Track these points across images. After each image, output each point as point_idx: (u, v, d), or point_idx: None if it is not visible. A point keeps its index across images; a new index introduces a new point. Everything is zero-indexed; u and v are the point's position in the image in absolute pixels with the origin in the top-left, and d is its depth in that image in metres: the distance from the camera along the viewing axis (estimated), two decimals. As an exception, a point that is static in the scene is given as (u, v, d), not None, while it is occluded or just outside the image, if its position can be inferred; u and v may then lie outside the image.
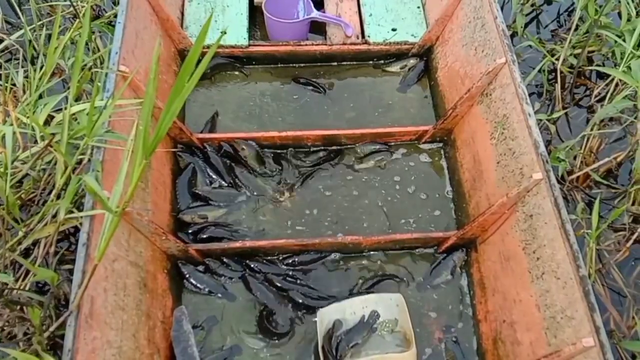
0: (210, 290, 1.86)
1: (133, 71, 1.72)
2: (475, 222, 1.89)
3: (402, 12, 2.54)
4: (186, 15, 2.45)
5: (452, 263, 1.98)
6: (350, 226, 2.05)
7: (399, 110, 2.36)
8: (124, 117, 1.59)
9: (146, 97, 1.06)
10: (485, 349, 1.81)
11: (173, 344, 1.67)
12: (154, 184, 1.86)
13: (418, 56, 2.48)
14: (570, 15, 2.87)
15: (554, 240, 1.59)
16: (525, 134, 1.77)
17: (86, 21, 1.42)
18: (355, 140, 2.24)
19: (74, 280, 1.37)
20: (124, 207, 1.17)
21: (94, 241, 1.43)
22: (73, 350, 1.27)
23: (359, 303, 1.84)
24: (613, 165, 2.32)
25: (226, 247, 1.89)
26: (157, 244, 1.76)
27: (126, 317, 1.50)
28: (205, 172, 2.08)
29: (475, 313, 1.89)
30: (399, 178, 2.18)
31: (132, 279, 1.57)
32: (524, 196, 1.73)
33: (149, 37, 2.07)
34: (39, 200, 1.65)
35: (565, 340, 1.48)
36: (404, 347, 1.78)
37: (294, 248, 1.93)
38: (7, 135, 1.32)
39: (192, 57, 0.96)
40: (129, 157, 1.27)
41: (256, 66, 2.46)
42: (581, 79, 2.61)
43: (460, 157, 2.16)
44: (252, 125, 2.27)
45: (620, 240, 2.15)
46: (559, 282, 1.54)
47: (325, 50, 2.44)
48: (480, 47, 2.10)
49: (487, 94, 2.03)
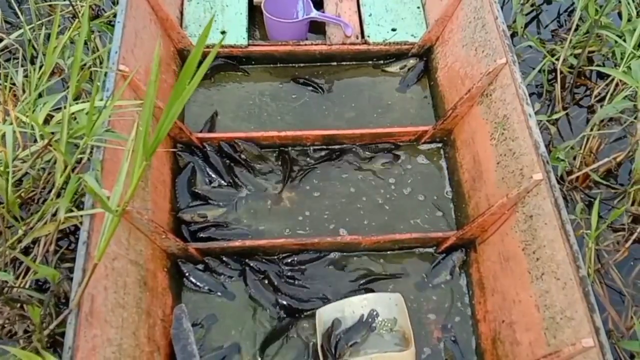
0: (210, 288, 1.88)
1: (133, 71, 1.74)
2: (474, 223, 1.91)
3: (401, 12, 2.56)
4: (185, 14, 2.47)
5: (451, 263, 2.00)
6: (350, 226, 2.07)
7: (398, 111, 2.38)
8: (123, 117, 1.61)
9: (146, 99, 1.07)
10: (484, 349, 1.83)
11: (173, 342, 1.69)
12: (153, 183, 1.88)
13: (418, 56, 2.50)
14: (571, 15, 2.90)
15: (554, 241, 1.61)
16: (526, 135, 1.79)
17: (85, 20, 1.45)
18: (355, 140, 2.26)
19: (74, 279, 1.39)
20: (124, 207, 1.19)
21: (94, 240, 1.45)
22: (73, 347, 1.29)
23: (358, 302, 1.87)
24: (613, 165, 2.34)
25: (225, 246, 1.91)
26: (157, 242, 1.78)
27: (126, 315, 1.52)
28: (205, 172, 2.11)
29: (474, 313, 1.91)
30: (398, 178, 2.20)
31: (132, 277, 1.60)
32: (524, 197, 1.75)
33: (149, 36, 2.10)
34: (38, 199, 1.67)
35: (565, 341, 1.49)
36: (403, 347, 1.80)
37: (293, 247, 1.95)
38: (7, 134, 1.34)
39: (194, 58, 0.97)
40: (129, 157, 1.29)
41: (255, 66, 2.48)
42: (581, 79, 2.64)
43: (460, 157, 2.18)
44: (251, 125, 2.29)
45: (619, 241, 2.17)
46: (559, 283, 1.56)
47: (324, 50, 2.46)
48: (480, 47, 2.13)
49: (487, 94, 2.05)
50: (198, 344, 1.73)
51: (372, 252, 2.02)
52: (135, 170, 1.10)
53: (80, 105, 1.45)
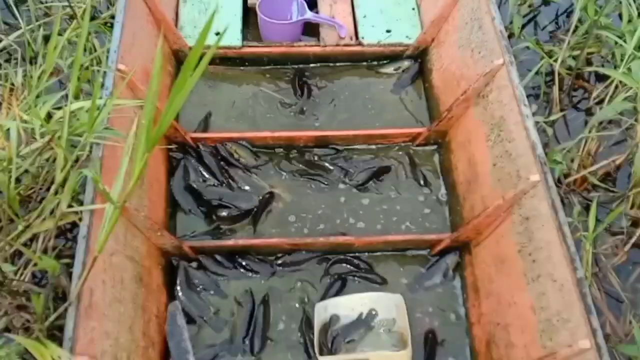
0: (204, 286, 2.05)
1: (132, 70, 1.90)
2: (469, 225, 2.02)
3: (396, 13, 2.72)
4: (180, 15, 2.65)
5: (445, 265, 2.12)
6: (343, 227, 2.21)
7: (392, 112, 2.53)
8: (121, 115, 1.79)
9: (149, 92, 1.25)
10: (478, 352, 1.94)
11: (167, 338, 1.87)
12: (149, 181, 2.05)
13: (412, 58, 2.66)
14: (569, 16, 3.03)
15: (551, 242, 1.70)
16: (523, 136, 1.89)
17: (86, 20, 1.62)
18: (349, 142, 2.40)
19: (74, 272, 1.53)
20: (125, 199, 1.36)
21: (94, 235, 1.61)
22: (73, 339, 1.44)
23: (358, 300, 2.01)
24: (612, 168, 2.45)
25: (219, 245, 2.08)
26: (152, 239, 1.94)
27: (123, 309, 1.68)
28: (199, 171, 2.28)
29: (468, 316, 2.03)
30: (392, 180, 2.34)
31: (129, 272, 1.76)
32: (520, 198, 1.85)
33: (146, 36, 2.28)
34: (37, 196, 1.85)
35: (561, 343, 1.57)
36: (400, 348, 1.93)
37: (286, 247, 2.11)
38: (11, 130, 1.53)
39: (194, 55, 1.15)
40: (129, 152, 1.46)
41: (249, 67, 2.65)
42: (579, 81, 2.77)
43: (455, 159, 2.30)
44: (244, 125, 2.45)
45: (618, 244, 2.27)
46: (555, 285, 1.66)
47: (318, 52, 2.63)
48: (477, 48, 2.25)
49: (483, 95, 2.16)
50: (191, 341, 1.88)
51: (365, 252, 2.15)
52: (137, 162, 1.27)
53: (80, 103, 1.64)
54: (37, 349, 1.41)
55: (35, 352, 1.41)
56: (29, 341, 1.43)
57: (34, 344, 1.42)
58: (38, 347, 1.42)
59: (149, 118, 1.22)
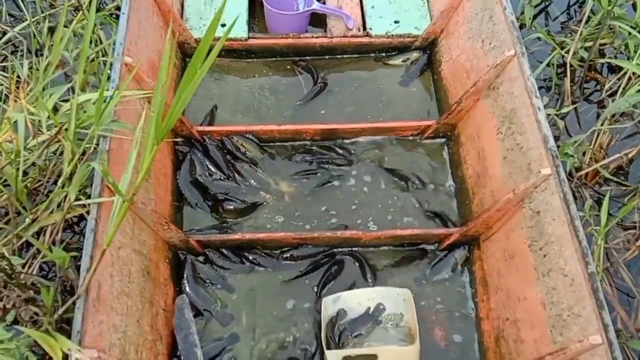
0: (210, 280, 2.10)
1: (139, 63, 1.95)
2: (479, 219, 2.05)
3: (405, 4, 2.75)
4: (186, 7, 2.69)
5: (454, 260, 2.16)
6: (351, 221, 2.25)
7: (400, 105, 2.56)
8: (127, 108, 1.84)
9: (158, 83, 1.30)
10: (487, 347, 1.98)
11: (175, 332, 1.92)
12: (155, 175, 2.10)
13: (421, 49, 2.69)
14: (581, 6, 3.05)
15: (562, 237, 1.72)
16: (534, 129, 1.91)
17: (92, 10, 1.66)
18: (356, 135, 2.44)
19: (82, 265, 1.58)
20: (134, 192, 1.39)
21: (101, 228, 1.65)
22: (82, 332, 1.48)
23: (366, 294, 2.05)
24: (624, 161, 2.49)
25: (226, 239, 2.13)
26: (159, 233, 1.99)
27: (131, 303, 1.73)
28: (205, 165, 2.32)
29: (477, 311, 2.06)
30: (400, 173, 2.37)
31: (136, 266, 1.80)
32: (531, 192, 1.88)
33: (151, 28, 2.32)
34: (44, 190, 1.90)
35: (572, 338, 1.60)
36: (408, 343, 1.97)
37: (293, 241, 2.15)
38: (19, 121, 1.57)
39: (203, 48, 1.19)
40: (137, 145, 1.49)
41: (255, 59, 2.68)
42: (592, 73, 2.80)
43: (464, 152, 2.33)
44: (250, 119, 2.49)
45: (629, 239, 2.30)
46: (566, 280, 1.68)
47: (325, 43, 2.66)
48: (487, 39, 2.27)
49: (494, 87, 2.18)
50: (199, 334, 1.94)
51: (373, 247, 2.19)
52: (147, 154, 1.31)
53: (87, 95, 1.68)
54: (47, 341, 1.46)
55: (44, 344, 1.45)
56: (39, 333, 1.48)
57: (43, 337, 1.47)
58: (47, 339, 1.47)
59: (158, 110, 1.26)
